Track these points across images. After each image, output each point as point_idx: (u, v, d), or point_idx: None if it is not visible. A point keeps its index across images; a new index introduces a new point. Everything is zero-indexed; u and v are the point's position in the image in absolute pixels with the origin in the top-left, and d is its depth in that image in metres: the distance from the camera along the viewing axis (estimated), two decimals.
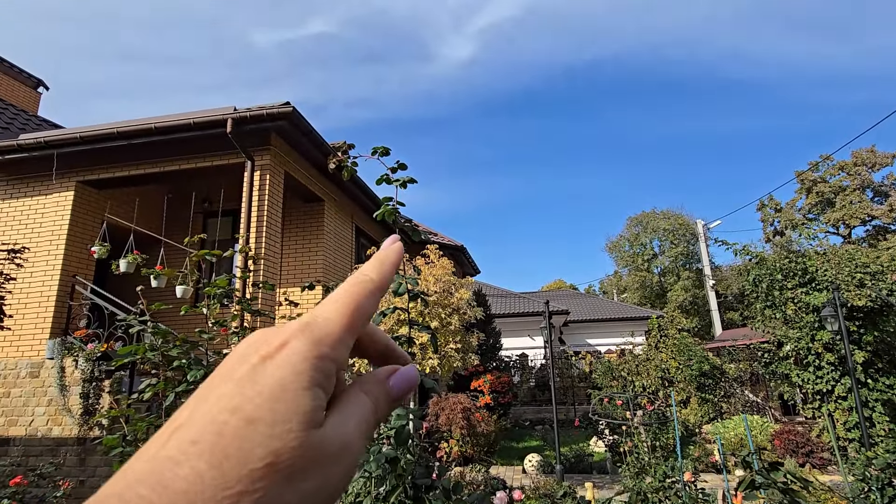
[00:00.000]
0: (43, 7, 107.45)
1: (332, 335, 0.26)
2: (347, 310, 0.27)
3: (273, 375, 0.23)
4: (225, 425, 0.21)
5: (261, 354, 0.24)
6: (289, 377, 0.23)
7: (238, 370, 0.24)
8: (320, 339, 0.25)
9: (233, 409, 0.22)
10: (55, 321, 6.70)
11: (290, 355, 0.24)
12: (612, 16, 73.25)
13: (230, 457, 0.21)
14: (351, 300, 0.28)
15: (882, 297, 7.83)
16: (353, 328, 0.27)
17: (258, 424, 0.21)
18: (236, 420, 0.21)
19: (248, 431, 0.21)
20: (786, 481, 1.79)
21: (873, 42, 49.71)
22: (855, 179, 30.22)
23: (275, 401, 0.22)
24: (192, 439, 0.21)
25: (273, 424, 0.22)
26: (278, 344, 0.24)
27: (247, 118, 6.34)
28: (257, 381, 0.23)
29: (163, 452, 0.21)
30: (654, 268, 38.83)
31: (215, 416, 0.22)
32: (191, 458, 0.20)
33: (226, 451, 0.21)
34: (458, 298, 6.91)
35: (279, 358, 0.24)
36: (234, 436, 0.21)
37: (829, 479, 7.14)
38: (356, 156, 1.94)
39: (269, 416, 0.22)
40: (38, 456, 5.99)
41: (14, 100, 10.39)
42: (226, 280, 2.22)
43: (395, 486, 1.41)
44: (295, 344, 0.24)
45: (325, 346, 0.25)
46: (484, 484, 6.08)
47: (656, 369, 11.80)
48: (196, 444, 0.21)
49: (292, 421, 0.22)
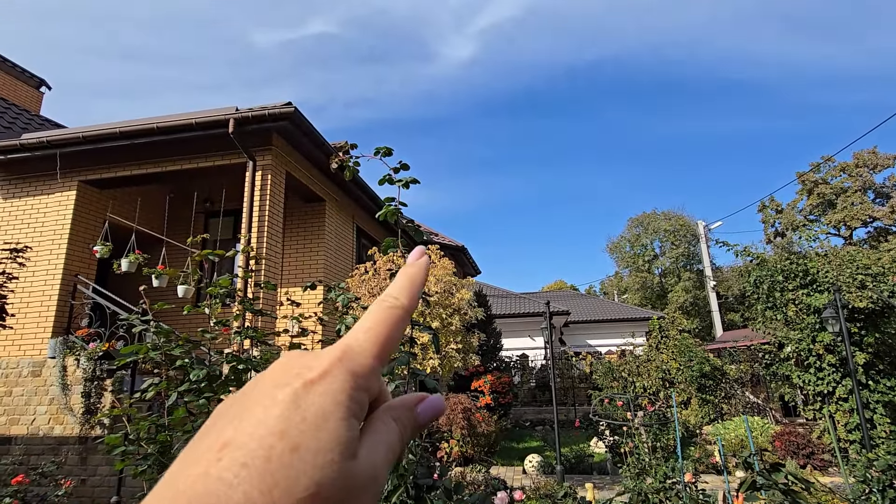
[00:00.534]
0: (44, 7, 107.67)
1: (366, 366, 0.26)
2: (380, 339, 0.28)
3: (315, 403, 0.24)
4: (272, 450, 0.22)
5: (304, 380, 0.24)
6: (330, 406, 0.24)
7: (281, 393, 0.24)
8: (356, 370, 0.26)
9: (279, 433, 0.22)
10: (57, 320, 6.72)
11: (331, 384, 0.25)
12: (613, 16, 73.23)
13: (279, 484, 0.21)
14: (383, 330, 0.28)
15: (883, 299, 7.82)
16: (384, 358, 0.28)
17: (303, 452, 0.22)
18: (282, 446, 0.22)
19: (294, 459, 0.22)
20: (787, 483, 1.79)
21: (874, 43, 49.65)
22: (856, 181, 30.18)
23: (317, 429, 0.23)
24: (243, 462, 0.22)
25: (316, 453, 0.22)
26: (321, 372, 0.25)
27: (248, 118, 6.35)
28: (300, 406, 0.23)
29: (214, 472, 0.21)
30: (654, 269, 38.80)
31: (263, 438, 0.22)
32: (243, 483, 0.21)
33: (274, 477, 0.21)
34: (459, 299, 6.91)
35: (321, 386, 0.24)
36: (280, 462, 0.22)
37: (830, 480, 7.13)
38: (358, 156, 1.94)
39: (313, 444, 0.22)
40: (39, 455, 6.01)
41: (16, 99, 10.41)
42: (228, 280, 2.23)
43: (396, 485, 1.42)
44: (336, 374, 0.25)
45: (361, 378, 0.26)
46: (484, 484, 6.08)
47: (657, 370, 11.79)
48: (247, 467, 0.21)
49: (334, 451, 0.23)
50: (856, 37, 51.23)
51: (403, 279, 0.31)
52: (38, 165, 7.19)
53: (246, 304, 2.37)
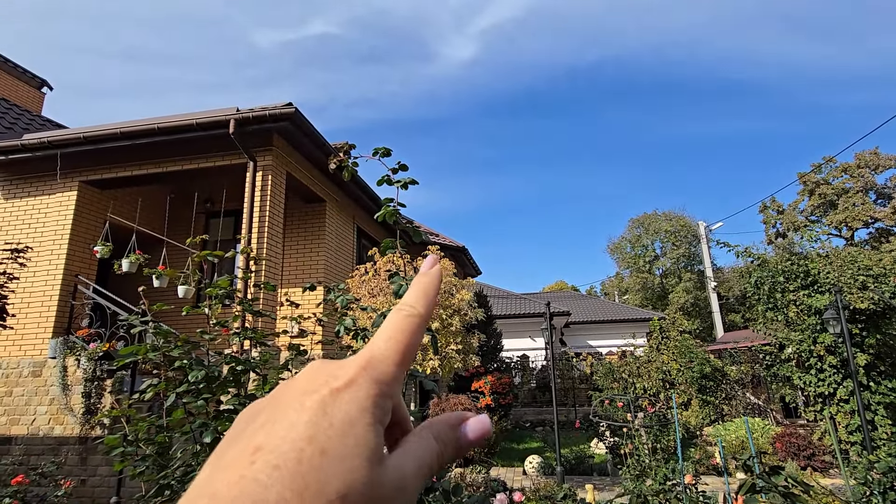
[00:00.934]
0: (44, 7, 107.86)
1: (389, 374, 0.27)
2: (401, 347, 0.29)
3: (342, 410, 0.25)
4: (302, 453, 0.23)
5: (331, 388, 0.25)
6: (356, 413, 0.25)
7: (309, 400, 0.25)
8: (379, 378, 0.27)
9: (309, 438, 0.23)
10: (57, 320, 6.72)
11: (357, 392, 0.25)
12: (613, 16, 73.26)
13: (310, 486, 0.22)
14: (403, 338, 0.29)
15: (885, 300, 7.81)
16: (405, 365, 0.29)
17: (331, 457, 0.23)
18: (312, 450, 0.23)
19: (323, 463, 0.23)
20: (787, 485, 1.78)
21: (875, 43, 49.60)
22: (858, 181, 30.13)
23: (344, 435, 0.24)
24: (275, 465, 0.22)
25: (343, 459, 0.23)
26: (347, 381, 0.26)
27: (249, 119, 6.35)
28: (328, 413, 0.24)
29: (249, 474, 0.22)
30: (655, 269, 38.78)
31: (294, 442, 0.23)
32: (276, 484, 0.22)
33: (305, 479, 0.22)
34: (460, 299, 6.91)
35: (348, 394, 0.25)
36: (310, 465, 0.22)
37: (831, 482, 7.12)
38: (357, 156, 1.94)
39: (340, 449, 0.23)
40: (39, 455, 6.01)
41: (18, 100, 10.43)
42: (227, 281, 2.23)
43: None
44: (361, 382, 0.26)
45: (385, 385, 0.27)
46: (484, 486, 6.08)
47: (657, 371, 11.77)
48: (279, 469, 0.22)
49: (361, 456, 0.24)
50: (857, 37, 51.20)
51: (418, 288, 0.32)
52: (40, 166, 7.20)
53: (245, 305, 2.37)
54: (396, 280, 1.52)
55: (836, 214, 30.13)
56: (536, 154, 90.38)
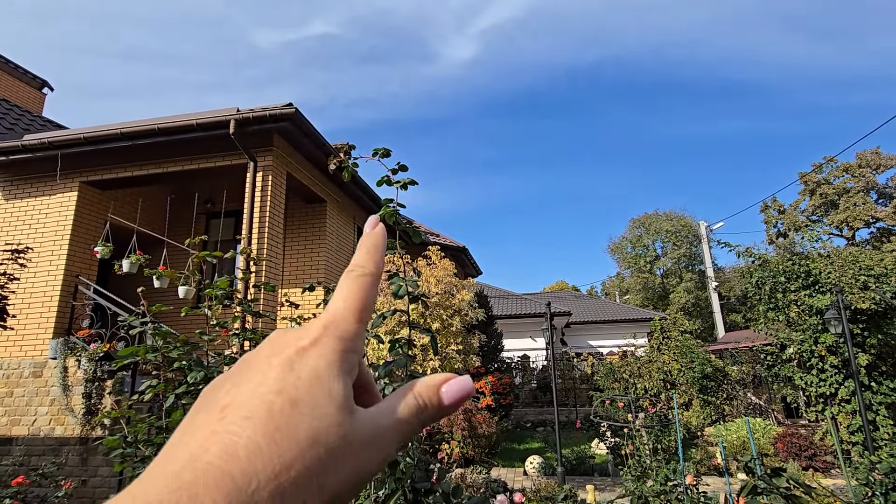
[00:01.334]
0: (44, 7, 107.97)
1: (351, 331, 0.29)
2: (358, 305, 0.30)
3: (309, 365, 0.26)
4: (272, 405, 0.24)
5: (296, 347, 0.27)
6: (323, 367, 0.26)
7: (275, 360, 0.26)
8: (342, 335, 0.28)
9: (277, 391, 0.24)
10: (58, 321, 6.73)
11: (322, 349, 0.27)
12: (614, 17, 73.24)
13: (280, 429, 0.23)
14: (359, 296, 0.30)
15: (886, 300, 7.79)
16: (364, 322, 0.30)
17: (301, 406, 0.24)
18: (282, 401, 0.24)
19: (294, 411, 0.24)
20: (788, 487, 1.78)
21: (876, 44, 49.52)
22: (859, 181, 30.09)
23: (312, 386, 0.25)
24: (246, 415, 0.23)
25: (314, 406, 0.24)
26: (311, 339, 0.27)
27: (249, 119, 6.35)
28: (295, 369, 0.26)
29: (220, 428, 0.23)
30: (656, 269, 38.75)
31: (262, 396, 0.24)
32: (247, 430, 0.23)
33: (276, 424, 0.23)
34: (460, 300, 6.90)
35: (314, 351, 0.27)
36: (281, 413, 0.24)
37: (833, 482, 7.10)
38: (357, 157, 1.94)
39: (309, 399, 0.25)
40: (40, 455, 6.01)
41: (19, 100, 10.44)
42: (227, 281, 2.22)
43: (394, 489, 1.41)
44: (325, 340, 0.27)
45: (348, 341, 0.28)
46: (485, 486, 6.07)
47: (658, 371, 11.76)
48: (250, 419, 0.23)
49: (330, 405, 0.25)
50: (857, 37, 51.14)
51: (365, 249, 0.34)
52: (40, 166, 7.20)
53: (245, 305, 2.36)
54: (396, 281, 1.51)
55: (837, 214, 30.09)
56: (537, 154, 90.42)
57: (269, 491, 0.21)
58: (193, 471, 0.21)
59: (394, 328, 5.60)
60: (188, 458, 0.22)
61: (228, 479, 0.21)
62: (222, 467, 0.21)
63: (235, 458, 0.22)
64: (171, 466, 0.22)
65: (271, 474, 0.22)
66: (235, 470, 0.21)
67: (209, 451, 0.22)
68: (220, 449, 0.22)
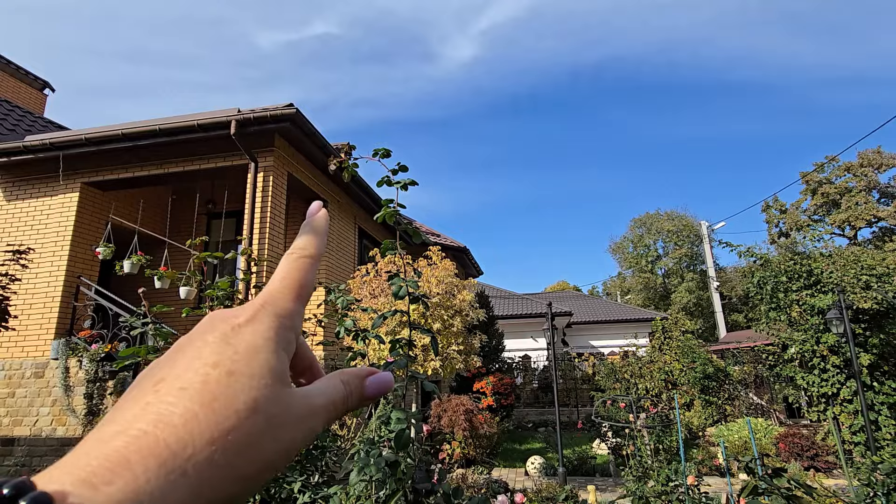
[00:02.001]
0: (44, 7, 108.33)
1: (287, 309, 0.29)
2: (295, 285, 0.31)
3: (245, 340, 0.26)
4: (208, 376, 0.24)
5: (232, 324, 0.27)
6: (260, 341, 0.26)
7: (210, 336, 0.26)
8: (278, 313, 0.29)
9: (213, 363, 0.24)
10: (60, 322, 6.74)
11: (257, 325, 0.27)
12: (616, 17, 73.21)
13: (218, 398, 0.23)
14: (297, 276, 0.31)
15: (888, 300, 7.77)
16: (303, 302, 0.31)
17: (238, 376, 0.24)
18: (218, 373, 0.24)
19: (231, 381, 0.24)
20: (789, 487, 1.77)
21: (878, 44, 49.42)
22: (861, 180, 30.02)
23: (250, 358, 0.25)
24: (181, 387, 0.23)
25: (251, 377, 0.25)
26: (247, 317, 0.28)
27: (250, 120, 6.36)
28: (231, 343, 0.26)
29: (154, 399, 0.23)
30: (657, 269, 38.71)
31: (198, 369, 0.24)
32: (183, 400, 0.23)
33: (213, 394, 0.23)
34: (461, 300, 6.90)
35: (250, 327, 0.27)
36: (218, 383, 0.24)
37: (835, 482, 7.08)
38: (357, 157, 1.94)
39: (246, 370, 0.25)
40: (42, 456, 6.02)
41: (20, 101, 10.46)
42: (228, 282, 2.22)
43: (395, 490, 1.41)
44: (261, 316, 0.28)
45: (285, 318, 0.29)
46: (486, 487, 6.07)
47: (660, 372, 11.74)
48: (185, 390, 0.23)
49: (267, 376, 0.25)
50: (860, 38, 51.05)
51: (307, 232, 0.34)
52: (42, 167, 7.21)
53: None
54: (396, 281, 1.51)
55: (838, 214, 30.03)
56: (538, 154, 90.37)
57: (206, 456, 0.21)
58: (125, 438, 0.21)
59: (394, 328, 5.60)
60: (120, 429, 0.22)
61: (163, 445, 0.21)
62: (156, 434, 0.21)
63: (171, 426, 0.22)
64: (102, 435, 0.22)
65: (208, 440, 0.22)
66: (171, 437, 0.21)
67: (142, 420, 0.22)
68: (155, 418, 0.22)
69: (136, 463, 0.20)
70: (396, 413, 1.42)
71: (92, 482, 0.19)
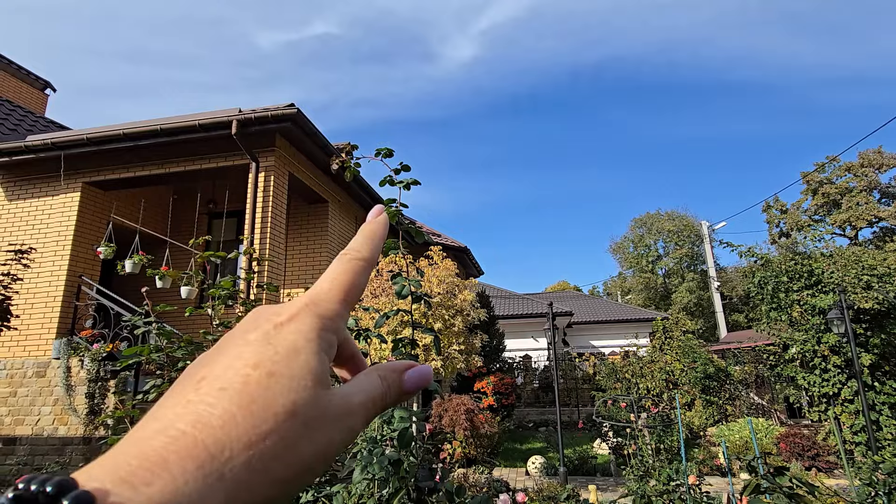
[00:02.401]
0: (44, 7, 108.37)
1: (332, 310, 0.29)
2: (344, 287, 0.30)
3: (287, 339, 0.26)
4: (248, 377, 0.24)
5: (274, 323, 0.27)
6: (301, 342, 0.26)
7: (252, 335, 0.26)
8: (323, 314, 0.28)
9: (254, 364, 0.24)
10: (61, 321, 6.75)
11: (300, 325, 0.27)
12: (616, 17, 73.19)
13: (257, 401, 0.23)
14: (347, 278, 0.31)
15: (889, 300, 7.76)
16: (349, 304, 0.30)
17: (278, 378, 0.24)
18: (258, 373, 0.24)
19: (271, 382, 0.24)
20: (791, 486, 1.78)
21: (879, 44, 49.37)
22: (861, 181, 29.99)
23: (290, 360, 0.25)
24: (221, 387, 0.23)
25: (291, 378, 0.24)
26: (289, 315, 0.27)
27: (251, 120, 6.36)
28: (272, 343, 0.25)
29: (195, 398, 0.23)
30: (658, 269, 38.68)
31: (238, 369, 0.24)
32: (223, 401, 0.23)
33: (252, 396, 0.23)
34: (462, 300, 6.90)
35: (291, 327, 0.27)
36: (258, 385, 0.23)
37: (836, 482, 7.08)
38: (359, 157, 1.94)
39: (286, 371, 0.24)
40: (44, 455, 6.03)
41: (22, 101, 10.48)
42: (230, 281, 2.23)
43: (398, 488, 1.41)
44: (303, 317, 0.27)
45: (328, 320, 0.28)
46: (487, 486, 6.07)
47: (660, 371, 11.74)
48: (225, 390, 0.23)
49: (307, 378, 0.25)
50: (860, 38, 51.00)
51: (364, 235, 0.34)
52: (43, 167, 7.22)
53: (248, 305, 2.37)
54: (399, 281, 1.52)
55: (839, 214, 29.99)
56: (539, 154, 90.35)
57: (243, 460, 0.21)
58: (164, 438, 0.21)
59: (396, 328, 5.61)
60: (160, 428, 0.22)
61: (201, 447, 0.21)
62: (195, 435, 0.21)
63: (209, 427, 0.22)
64: (142, 434, 0.22)
65: (246, 444, 0.22)
66: (209, 439, 0.21)
67: (182, 419, 0.22)
68: (194, 418, 0.22)
69: (174, 464, 0.20)
70: (399, 412, 1.42)
71: (132, 482, 0.19)
